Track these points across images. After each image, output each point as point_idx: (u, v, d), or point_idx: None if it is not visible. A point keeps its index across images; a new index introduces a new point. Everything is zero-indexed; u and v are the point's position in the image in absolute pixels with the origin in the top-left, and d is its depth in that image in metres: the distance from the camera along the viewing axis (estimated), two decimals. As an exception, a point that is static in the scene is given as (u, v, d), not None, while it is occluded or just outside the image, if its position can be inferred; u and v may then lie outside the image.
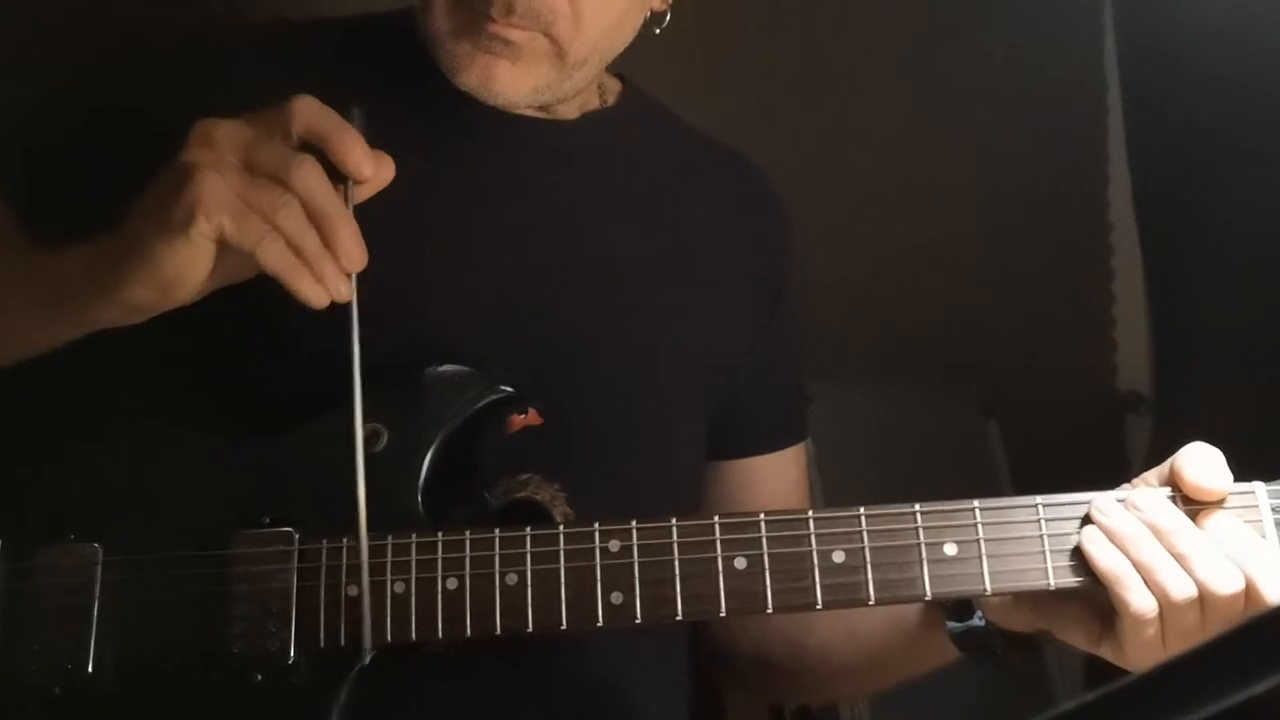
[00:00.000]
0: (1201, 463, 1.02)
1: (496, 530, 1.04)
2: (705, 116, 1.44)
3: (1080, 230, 2.48)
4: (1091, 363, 2.49)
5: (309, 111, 1.03)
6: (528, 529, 1.03)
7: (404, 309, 1.14)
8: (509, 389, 1.09)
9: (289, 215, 0.99)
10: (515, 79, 1.17)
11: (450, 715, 1.14)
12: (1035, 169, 2.33)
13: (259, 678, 1.03)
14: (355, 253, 1.02)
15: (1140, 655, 1.02)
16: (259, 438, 1.09)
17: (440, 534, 1.04)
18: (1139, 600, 0.99)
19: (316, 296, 1.01)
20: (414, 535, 1.04)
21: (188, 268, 1.00)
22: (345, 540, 1.04)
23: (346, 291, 1.02)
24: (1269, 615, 0.53)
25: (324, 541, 1.04)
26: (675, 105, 1.42)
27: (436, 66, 1.19)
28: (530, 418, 1.08)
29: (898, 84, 2.18)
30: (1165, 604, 0.99)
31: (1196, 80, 2.04)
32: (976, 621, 1.14)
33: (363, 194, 1.04)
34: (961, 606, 1.14)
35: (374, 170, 1.04)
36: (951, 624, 1.15)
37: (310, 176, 1.00)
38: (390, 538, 1.04)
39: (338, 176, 1.02)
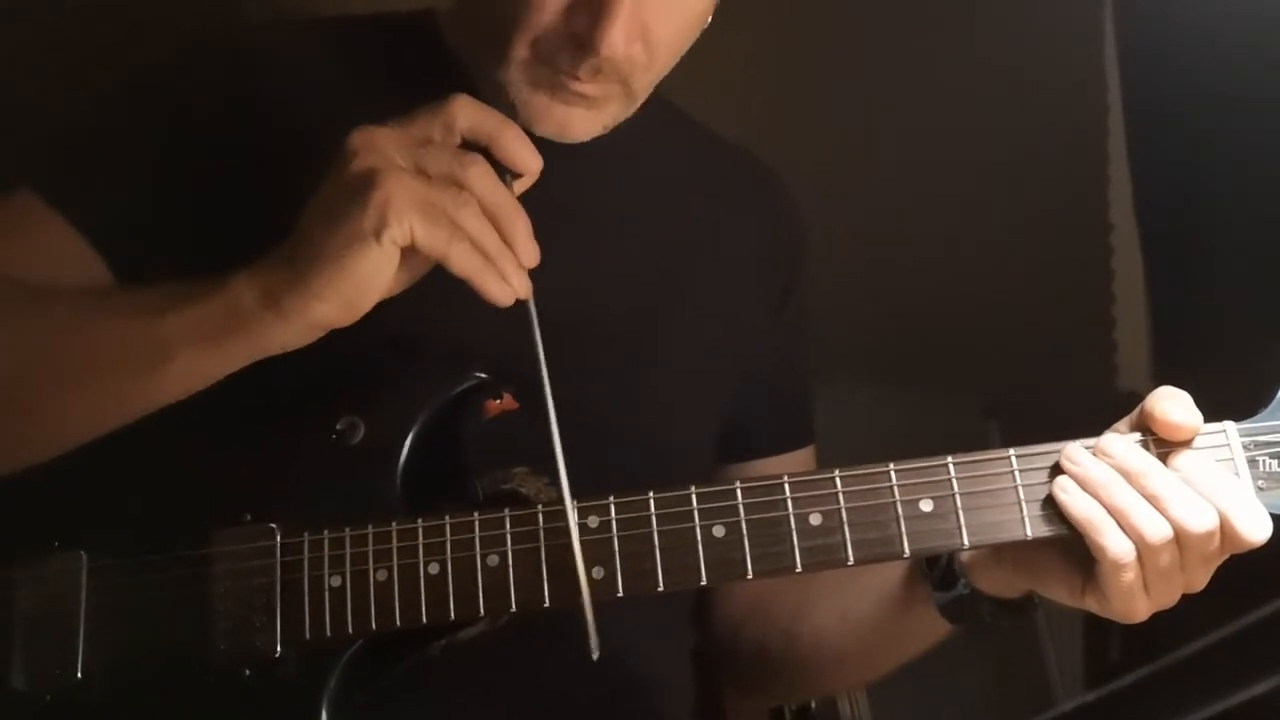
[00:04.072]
0: (1171, 401, 1.02)
1: (475, 514, 1.04)
2: (712, 116, 1.45)
3: (1080, 230, 2.46)
4: (1091, 363, 2.47)
5: (472, 110, 1.03)
6: (506, 510, 1.04)
7: (421, 309, 1.11)
8: (482, 375, 1.09)
9: (470, 215, 1.00)
10: (590, 124, 1.20)
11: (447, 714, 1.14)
12: (1035, 169, 2.32)
13: (247, 673, 1.03)
14: (531, 248, 1.03)
15: (1123, 603, 1.01)
16: (236, 436, 1.10)
17: (420, 520, 1.04)
18: (1115, 544, 0.99)
19: (504, 295, 1.02)
20: (394, 523, 1.04)
21: (377, 276, 0.99)
22: (326, 533, 1.05)
23: (528, 288, 1.03)
24: (1269, 616, 0.53)
25: (305, 535, 1.05)
26: (683, 105, 1.43)
27: (457, 69, 1.22)
28: (506, 403, 1.09)
29: (898, 85, 2.18)
30: (1142, 546, 0.99)
31: (1196, 80, 2.04)
32: (961, 590, 1.13)
33: (520, 188, 1.05)
34: (946, 577, 1.14)
35: (539, 164, 1.05)
36: (937, 595, 1.15)
37: (485, 176, 1.01)
38: (370, 527, 1.04)
39: (499, 172, 1.03)
